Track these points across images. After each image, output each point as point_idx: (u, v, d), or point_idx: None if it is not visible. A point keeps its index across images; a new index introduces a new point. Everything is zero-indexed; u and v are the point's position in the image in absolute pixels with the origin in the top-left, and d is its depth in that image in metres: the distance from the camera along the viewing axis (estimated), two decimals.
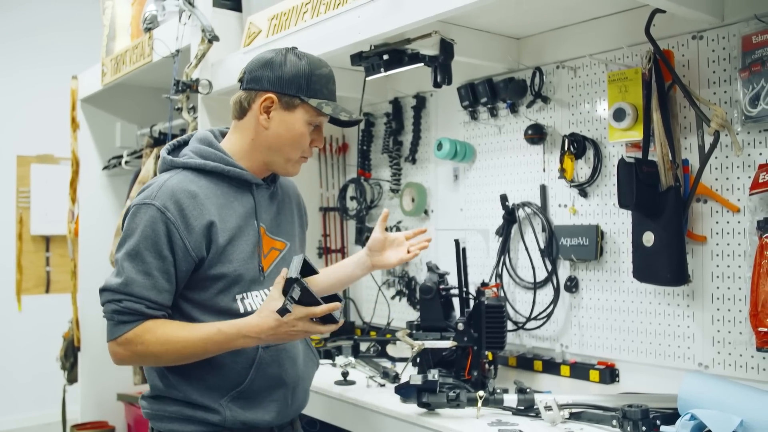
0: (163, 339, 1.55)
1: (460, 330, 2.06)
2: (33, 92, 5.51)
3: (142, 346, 1.55)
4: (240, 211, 1.67)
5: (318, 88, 1.67)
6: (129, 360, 1.60)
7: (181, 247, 1.56)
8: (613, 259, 2.26)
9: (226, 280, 1.62)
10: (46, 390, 5.00)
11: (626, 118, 2.06)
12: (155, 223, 1.55)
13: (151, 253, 1.55)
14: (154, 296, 1.56)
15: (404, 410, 1.87)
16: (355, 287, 3.37)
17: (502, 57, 2.48)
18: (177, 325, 1.58)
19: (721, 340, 1.98)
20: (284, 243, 1.77)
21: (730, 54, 1.96)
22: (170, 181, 1.61)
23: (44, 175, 5.58)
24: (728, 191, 1.97)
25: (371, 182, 3.20)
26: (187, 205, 1.58)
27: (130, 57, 3.43)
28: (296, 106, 1.66)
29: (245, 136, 1.70)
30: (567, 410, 1.74)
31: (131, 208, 1.61)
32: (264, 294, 1.69)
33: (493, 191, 2.64)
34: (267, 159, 1.71)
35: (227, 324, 1.56)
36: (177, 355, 1.57)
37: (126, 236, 1.58)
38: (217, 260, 1.61)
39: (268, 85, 1.66)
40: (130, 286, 1.54)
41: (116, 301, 1.54)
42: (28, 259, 5.54)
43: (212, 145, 1.70)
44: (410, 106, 3.02)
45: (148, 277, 1.55)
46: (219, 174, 1.67)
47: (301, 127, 1.68)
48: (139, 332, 1.55)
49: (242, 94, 1.70)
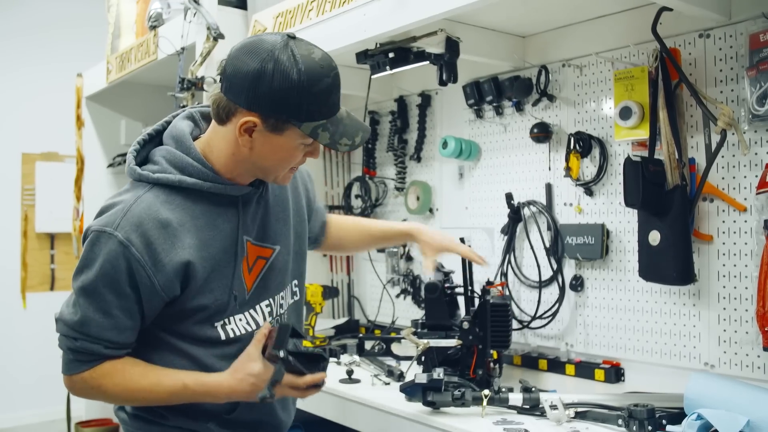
0: (121, 387, 1.40)
1: (465, 329, 2.05)
2: (38, 90, 5.50)
3: (97, 390, 1.41)
4: (225, 229, 1.46)
5: (315, 108, 1.36)
6: (85, 396, 1.46)
7: (147, 285, 1.36)
8: (618, 258, 2.25)
9: (206, 312, 1.45)
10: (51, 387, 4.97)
11: (632, 116, 2.05)
12: (116, 258, 1.33)
13: (110, 291, 1.35)
14: (114, 336, 1.38)
15: (409, 409, 1.87)
16: (359, 285, 3.37)
17: (507, 55, 2.47)
18: (138, 373, 1.41)
19: (727, 339, 1.97)
20: (271, 249, 1.57)
21: (737, 52, 1.95)
22: (137, 205, 1.37)
23: (49, 172, 5.58)
24: (735, 190, 1.96)
25: (376, 180, 3.20)
26: (156, 237, 1.36)
27: (135, 55, 3.43)
28: (285, 129, 1.37)
29: (225, 146, 1.43)
30: (572, 409, 1.73)
31: (90, 232, 1.38)
32: (248, 317, 1.52)
33: (498, 190, 2.64)
34: (251, 172, 1.48)
35: (195, 380, 1.42)
36: (135, 402, 1.46)
37: (83, 266, 1.37)
38: (195, 293, 1.43)
39: (251, 104, 1.34)
40: (86, 326, 1.36)
41: (71, 338, 1.37)
42: (33, 256, 5.54)
43: (189, 152, 1.43)
44: (415, 105, 3.01)
45: (106, 317, 1.36)
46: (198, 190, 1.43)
47: (291, 149, 1.42)
48: (95, 375, 1.39)
49: (221, 100, 1.38)
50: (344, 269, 3.40)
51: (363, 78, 2.59)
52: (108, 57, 3.78)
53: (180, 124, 1.50)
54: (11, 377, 5.31)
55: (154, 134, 1.53)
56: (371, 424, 2.02)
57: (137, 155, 1.49)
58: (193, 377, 1.43)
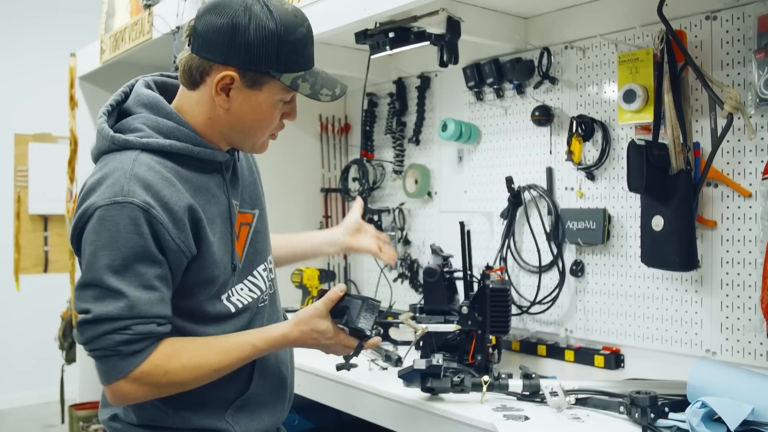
0: (191, 366, 1.30)
1: (464, 313, 2.02)
2: (31, 70, 5.45)
3: (165, 378, 1.28)
4: (217, 194, 1.40)
5: (292, 59, 1.31)
6: (144, 396, 1.30)
7: (173, 249, 1.28)
8: (620, 243, 2.22)
9: (216, 284, 1.38)
10: (45, 370, 4.98)
11: (636, 99, 2.02)
12: (139, 225, 1.24)
13: (145, 262, 1.24)
14: (163, 310, 1.28)
15: (407, 394, 1.84)
16: (356, 269, 3.35)
17: (509, 36, 2.43)
18: (201, 346, 1.34)
19: (729, 326, 1.95)
20: (251, 214, 1.51)
21: (745, 35, 1.91)
22: (137, 167, 1.27)
23: (42, 154, 5.53)
24: (740, 175, 1.93)
25: (374, 163, 3.16)
26: (169, 196, 1.28)
27: (129, 34, 3.37)
28: (264, 83, 1.32)
29: (200, 111, 1.36)
30: (573, 396, 1.71)
31: (93, 210, 1.25)
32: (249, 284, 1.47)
33: (498, 173, 2.60)
34: (228, 138, 1.40)
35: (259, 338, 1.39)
36: (205, 380, 1.34)
37: (101, 249, 1.23)
38: (209, 261, 1.35)
39: (226, 57, 1.28)
40: (137, 307, 1.23)
41: (121, 330, 1.22)
42: (26, 238, 5.51)
43: (171, 117, 1.35)
44: (414, 87, 2.97)
45: (150, 291, 1.25)
46: (186, 155, 1.35)
47: (269, 107, 1.36)
48: (158, 361, 1.27)
49: (193, 61, 1.31)
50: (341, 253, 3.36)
51: (362, 59, 2.54)
52: (102, 36, 3.72)
53: (146, 92, 1.39)
54: (4, 360, 5.30)
55: (116, 105, 1.41)
56: (369, 410, 2.00)
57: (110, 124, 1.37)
58: (258, 336, 1.40)
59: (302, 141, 3.28)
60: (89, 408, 3.91)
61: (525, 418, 1.63)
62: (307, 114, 3.23)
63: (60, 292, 4.37)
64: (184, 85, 1.37)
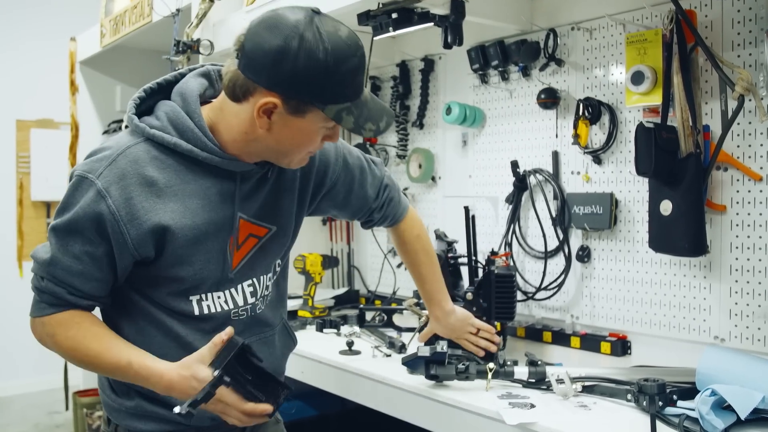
0: (72, 342, 1.34)
1: (469, 300, 2.00)
2: (32, 56, 5.41)
3: (51, 339, 1.34)
4: (215, 200, 1.37)
5: (340, 90, 1.27)
6: (41, 343, 1.38)
7: (118, 240, 1.29)
8: (627, 228, 2.19)
9: (183, 284, 1.37)
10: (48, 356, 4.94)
11: (645, 81, 1.98)
12: (90, 207, 1.28)
13: (80, 237, 1.29)
14: (79, 284, 1.31)
15: (412, 382, 1.82)
16: (359, 255, 3.32)
17: (514, 17, 2.39)
18: (92, 333, 1.34)
19: (738, 312, 1.92)
20: (267, 228, 1.47)
21: (757, 14, 1.86)
22: (124, 156, 1.30)
23: (44, 140, 5.50)
24: (750, 159, 1.89)
25: (377, 148, 3.13)
26: (137, 194, 1.29)
27: (129, 17, 3.34)
28: (308, 111, 1.28)
29: (237, 124, 1.33)
30: (579, 383, 1.69)
31: (74, 174, 1.32)
32: (228, 295, 1.43)
33: (503, 157, 2.57)
34: (262, 155, 1.38)
35: (140, 361, 1.31)
36: (83, 365, 1.37)
37: (62, 208, 1.32)
38: (173, 262, 1.35)
39: (272, 84, 1.24)
40: (53, 267, 1.30)
41: (39, 277, 1.33)
42: (29, 225, 5.49)
43: (193, 116, 1.34)
44: (418, 69, 2.93)
45: (74, 261, 1.30)
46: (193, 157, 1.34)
47: (311, 133, 1.33)
48: (53, 322, 1.33)
49: (237, 78, 1.28)
50: (344, 239, 3.34)
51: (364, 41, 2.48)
52: (102, 20, 3.68)
53: (192, 82, 1.39)
54: (8, 346, 5.29)
55: (165, 84, 1.42)
56: (372, 397, 1.98)
57: (141, 103, 1.39)
58: (140, 358, 1.32)
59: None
60: (93, 395, 3.92)
61: (531, 405, 1.61)
62: None
63: None
64: (228, 96, 1.32)
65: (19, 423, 4.78)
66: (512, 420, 1.53)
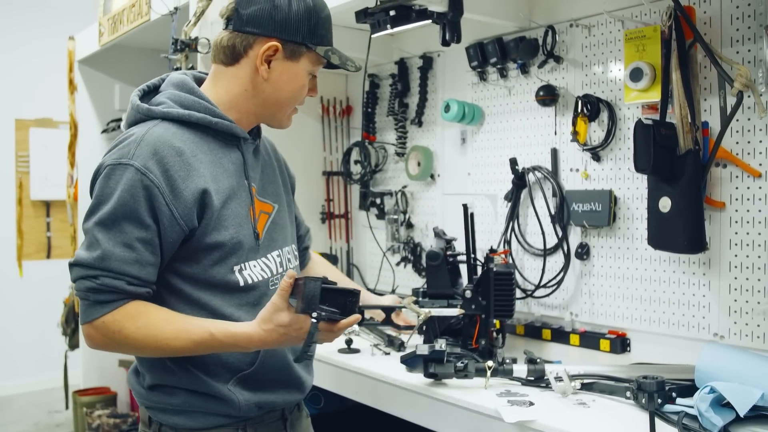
0: (144, 331, 1.34)
1: (468, 297, 2.00)
2: (31, 55, 5.41)
3: (119, 335, 1.34)
4: (230, 169, 1.47)
5: (323, 34, 1.48)
6: (104, 346, 1.38)
7: (167, 215, 1.34)
8: (626, 225, 2.19)
9: (222, 250, 1.42)
10: (48, 355, 4.98)
11: (644, 78, 1.97)
12: (134, 187, 1.32)
13: (130, 222, 1.32)
14: (136, 271, 1.33)
15: (410, 380, 1.82)
16: (358, 253, 3.32)
17: (513, 14, 2.38)
18: (162, 318, 1.36)
19: (738, 309, 1.91)
20: (272, 206, 1.58)
21: (756, 10, 1.86)
22: (150, 135, 1.37)
23: (43, 139, 5.50)
24: (749, 155, 1.89)
25: (376, 145, 3.12)
26: (173, 164, 1.35)
27: (127, 16, 3.33)
28: (301, 54, 1.47)
29: (236, 85, 1.47)
30: (578, 381, 1.69)
31: (103, 168, 1.36)
32: (262, 264, 1.50)
33: (502, 155, 2.56)
34: (260, 112, 1.51)
35: (222, 329, 1.35)
36: (156, 350, 1.37)
37: (99, 202, 1.34)
38: (212, 227, 1.40)
39: (271, 30, 1.43)
40: (107, 261, 1.31)
41: (91, 278, 1.32)
42: (29, 224, 5.49)
43: (194, 92, 1.47)
44: (416, 67, 2.92)
45: (128, 249, 1.32)
46: (204, 127, 1.44)
47: (303, 78, 1.50)
48: (118, 317, 1.33)
49: (236, 38, 1.44)
50: (343, 237, 3.34)
51: (362, 39, 2.49)
52: (100, 19, 3.67)
53: (178, 75, 1.53)
54: (8, 346, 5.30)
55: (152, 87, 1.54)
56: (371, 395, 1.98)
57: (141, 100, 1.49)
58: (220, 326, 1.36)
59: (304, 124, 3.24)
60: (93, 393, 3.92)
61: (530, 403, 1.61)
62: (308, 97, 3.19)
63: (63, 278, 4.29)
64: (222, 62, 1.48)
65: (19, 422, 4.79)
66: (511, 418, 1.52)
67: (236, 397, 1.45)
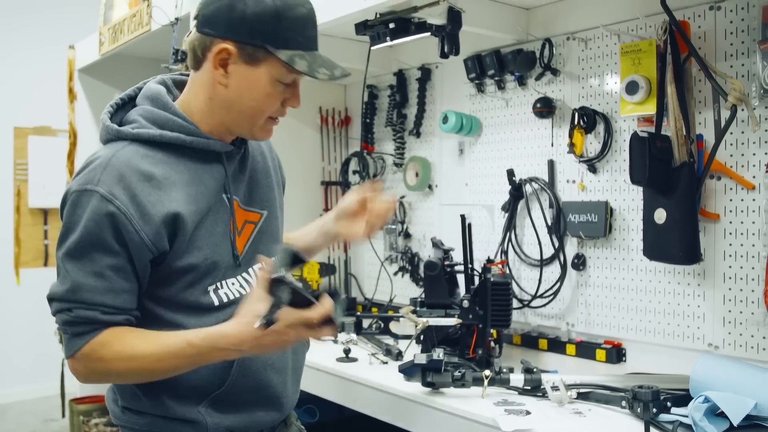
0: (123, 355, 1.29)
1: (465, 307, 2.01)
2: (30, 63, 5.42)
3: (100, 363, 1.30)
4: (211, 185, 1.39)
5: (290, 36, 1.31)
6: (92, 378, 1.34)
7: (135, 241, 1.28)
8: (622, 236, 2.21)
9: (196, 272, 1.36)
10: (45, 364, 4.97)
11: (639, 91, 2.00)
12: (99, 215, 1.26)
13: (98, 250, 1.27)
14: (110, 300, 1.29)
15: (408, 389, 1.83)
16: (356, 263, 3.33)
17: (510, 27, 2.41)
18: (138, 338, 1.31)
19: (732, 320, 1.93)
20: (259, 214, 1.50)
21: (749, 25, 1.89)
22: (116, 158, 1.30)
23: (42, 147, 5.51)
24: (743, 168, 1.91)
25: (374, 156, 3.14)
26: (140, 190, 1.29)
27: (128, 26, 3.35)
28: (261, 59, 1.32)
29: (201, 92, 1.38)
30: (574, 390, 1.70)
31: (69, 195, 1.30)
32: (242, 280, 1.44)
33: (499, 166, 2.58)
34: (228, 121, 1.40)
35: (198, 335, 1.29)
36: (142, 372, 1.32)
37: (66, 231, 1.29)
38: (184, 250, 1.34)
39: (225, 30, 1.30)
40: (78, 292, 1.27)
41: (66, 311, 1.28)
42: (27, 232, 5.49)
43: (167, 108, 1.37)
44: (415, 78, 2.95)
45: (99, 279, 1.27)
46: (180, 146, 1.36)
47: (267, 85, 1.35)
48: (95, 346, 1.29)
49: (196, 39, 1.34)
50: (341, 246, 3.35)
51: (362, 51, 2.52)
52: (100, 28, 3.70)
53: (153, 86, 1.44)
54: (5, 354, 5.29)
55: (127, 99, 1.46)
56: (369, 405, 1.99)
57: (112, 117, 1.42)
58: (195, 332, 1.30)
59: (302, 133, 3.26)
60: (89, 402, 3.91)
61: (526, 412, 1.62)
62: (307, 106, 3.20)
63: None
64: (191, 67, 1.39)
65: (14, 430, 4.77)
66: (508, 427, 1.54)
67: (205, 420, 1.40)
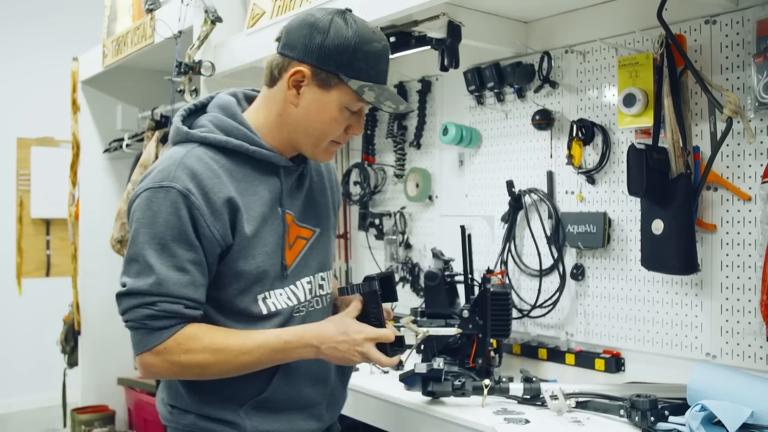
0: (212, 347, 1.36)
1: (465, 317, 2.03)
2: (33, 74, 5.47)
3: (186, 356, 1.35)
4: (265, 196, 1.46)
5: (363, 68, 1.40)
6: (166, 372, 1.38)
7: (208, 236, 1.36)
8: (620, 247, 2.23)
9: (247, 279, 1.43)
10: (47, 373, 4.99)
11: (636, 103, 2.03)
12: (179, 209, 1.34)
13: (180, 245, 1.34)
14: (192, 293, 1.35)
15: (409, 398, 1.85)
16: (357, 273, 3.35)
17: (510, 41, 2.44)
18: (225, 332, 1.40)
19: (729, 330, 1.95)
20: (312, 230, 1.57)
21: (744, 39, 1.92)
22: (188, 158, 1.39)
23: (45, 158, 5.55)
24: (740, 179, 1.94)
25: (375, 167, 3.17)
26: (210, 187, 1.37)
27: (131, 38, 3.38)
28: (333, 85, 1.41)
29: (272, 108, 1.47)
30: (573, 399, 1.72)
31: (143, 192, 1.37)
32: (289, 292, 1.50)
33: (499, 177, 2.61)
34: (293, 139, 1.48)
35: (286, 329, 1.42)
36: (226, 366, 1.38)
37: (143, 227, 1.34)
38: (239, 254, 1.41)
39: (304, 55, 1.40)
40: (164, 285, 1.32)
41: (148, 305, 1.33)
42: (29, 242, 5.52)
43: (235, 117, 1.46)
44: (415, 90, 2.97)
45: (181, 273, 1.34)
46: (242, 154, 1.44)
47: (335, 111, 1.43)
48: (181, 339, 1.35)
49: (275, 59, 1.45)
50: (343, 257, 3.37)
51: None
52: (104, 40, 3.73)
53: (225, 96, 1.53)
54: (7, 363, 5.30)
55: (200, 106, 1.55)
56: (369, 414, 2.00)
57: (183, 121, 1.51)
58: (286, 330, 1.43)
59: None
60: (91, 412, 3.91)
61: (526, 421, 1.64)
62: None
63: (62, 296, 4.37)
64: (266, 84, 1.49)
65: None
66: None
67: (243, 423, 1.46)
